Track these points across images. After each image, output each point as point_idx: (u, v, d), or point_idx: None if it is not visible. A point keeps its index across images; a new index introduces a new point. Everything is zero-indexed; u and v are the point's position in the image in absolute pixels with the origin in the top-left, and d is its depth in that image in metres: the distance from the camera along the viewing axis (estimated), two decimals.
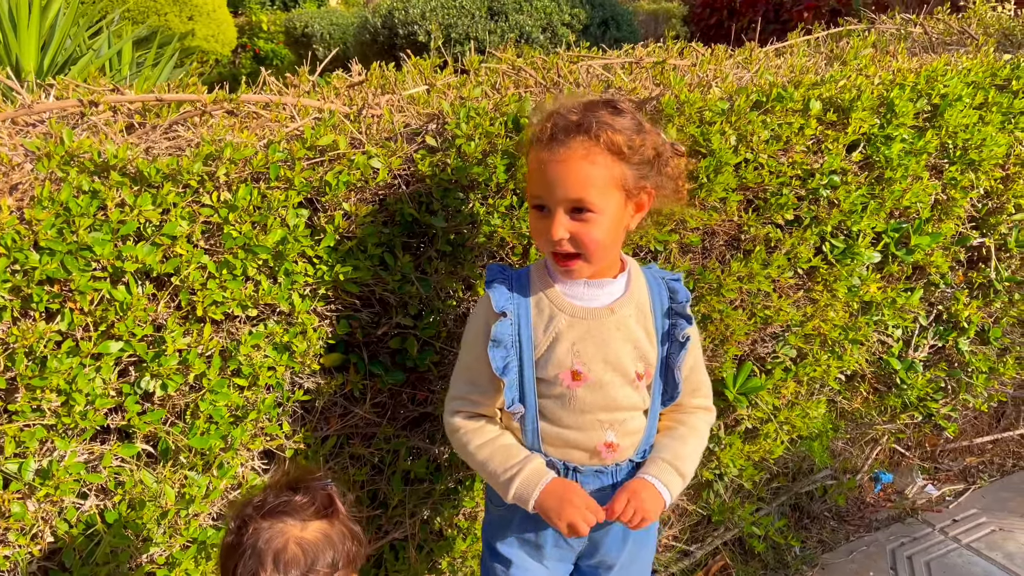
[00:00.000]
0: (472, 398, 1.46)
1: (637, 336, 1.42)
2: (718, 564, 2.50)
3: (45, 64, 3.87)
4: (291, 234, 1.48)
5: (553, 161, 1.28)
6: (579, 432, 1.42)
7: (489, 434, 1.45)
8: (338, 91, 1.83)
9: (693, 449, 1.49)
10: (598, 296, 1.41)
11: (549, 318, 1.39)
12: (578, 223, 1.30)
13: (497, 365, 1.37)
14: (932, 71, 2.20)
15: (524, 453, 1.42)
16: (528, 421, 1.42)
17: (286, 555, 1.09)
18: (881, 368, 2.48)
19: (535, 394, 1.41)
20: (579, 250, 1.32)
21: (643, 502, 1.36)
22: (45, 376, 1.30)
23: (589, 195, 1.28)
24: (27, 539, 1.37)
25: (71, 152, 1.33)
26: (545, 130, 1.29)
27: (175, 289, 1.42)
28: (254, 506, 1.13)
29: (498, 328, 1.37)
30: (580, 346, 1.38)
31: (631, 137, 1.29)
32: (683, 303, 1.47)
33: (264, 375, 1.52)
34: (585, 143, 1.27)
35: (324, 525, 1.14)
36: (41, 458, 1.37)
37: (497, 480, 1.41)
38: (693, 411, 1.55)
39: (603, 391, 1.40)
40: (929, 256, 2.31)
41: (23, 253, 1.25)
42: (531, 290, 1.41)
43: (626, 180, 1.30)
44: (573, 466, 1.44)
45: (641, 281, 1.46)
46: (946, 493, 2.92)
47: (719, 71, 2.15)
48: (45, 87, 1.69)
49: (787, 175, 1.98)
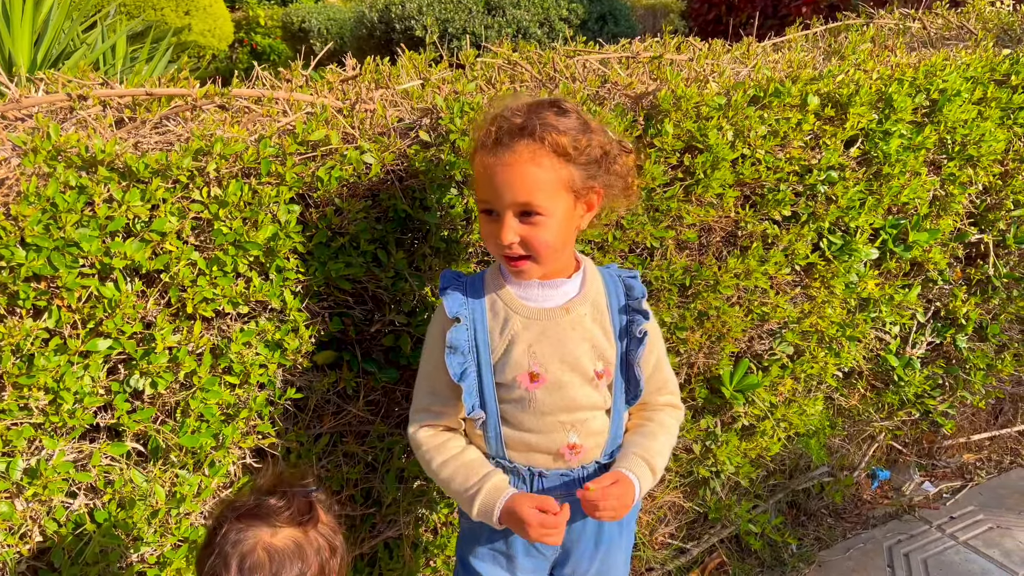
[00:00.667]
0: (434, 409, 1.45)
1: (594, 334, 1.41)
2: (715, 561, 2.49)
3: (38, 59, 3.84)
4: (282, 230, 1.46)
5: (499, 165, 1.26)
6: (541, 435, 1.41)
7: (451, 450, 1.43)
8: (331, 85, 1.81)
9: (663, 445, 1.48)
10: (552, 296, 1.40)
11: (504, 321, 1.38)
12: (527, 226, 1.29)
13: (454, 371, 1.36)
14: (931, 66, 2.19)
15: (485, 469, 1.41)
16: (490, 427, 1.41)
17: (251, 559, 1.07)
18: (878, 365, 2.47)
19: (495, 399, 1.39)
20: (529, 252, 1.32)
21: (616, 494, 1.34)
22: (32, 374, 1.29)
23: (536, 198, 1.27)
24: (15, 538, 1.36)
25: (58, 147, 1.32)
26: (490, 134, 1.28)
27: (165, 286, 1.41)
28: (232, 508, 1.12)
29: (453, 334, 1.37)
30: (536, 347, 1.37)
31: (577, 137, 1.28)
32: (639, 299, 1.45)
33: (256, 373, 1.50)
34: (530, 146, 1.25)
35: (297, 533, 1.11)
36: (29, 457, 1.35)
37: (461, 498, 1.40)
38: (661, 408, 1.54)
39: (562, 392, 1.38)
40: (927, 252, 2.30)
41: (9, 249, 1.23)
42: (485, 294, 1.41)
43: (574, 181, 1.29)
44: (538, 471, 1.43)
45: (597, 279, 1.45)
46: (943, 490, 2.91)
47: (716, 66, 2.13)
48: (35, 81, 1.67)
49: (784, 171, 1.96)
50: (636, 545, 2.31)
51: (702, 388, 2.13)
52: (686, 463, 2.23)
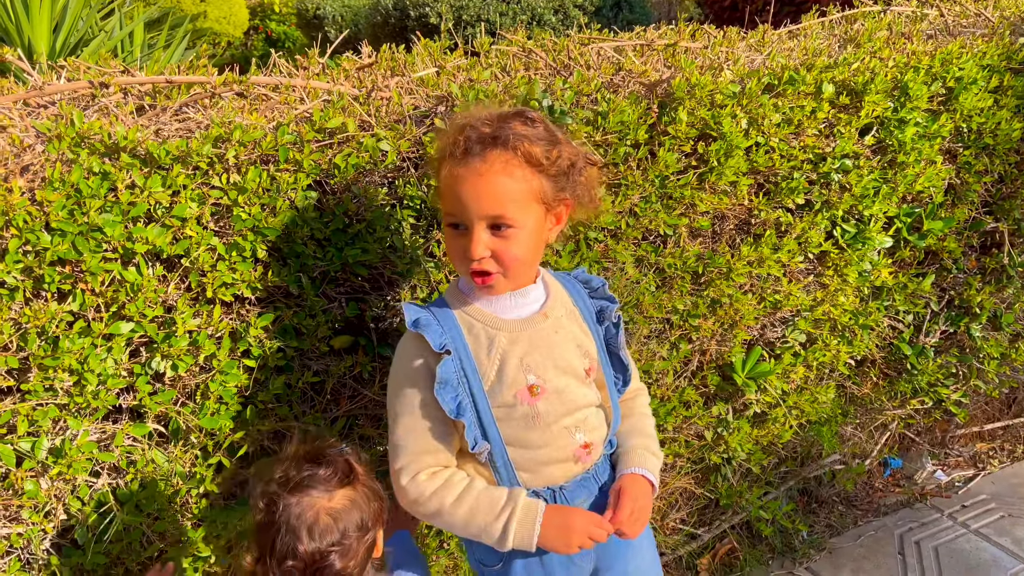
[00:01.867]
0: (429, 452, 1.32)
1: (575, 333, 1.39)
2: (725, 547, 2.51)
3: (57, 45, 3.88)
4: (300, 216, 1.48)
5: (470, 175, 1.22)
6: (551, 448, 1.35)
7: (459, 485, 1.32)
8: (348, 73, 1.82)
9: (652, 428, 1.53)
10: (526, 304, 1.36)
11: (489, 341, 1.32)
12: (498, 239, 1.24)
13: (450, 407, 1.27)
14: (947, 54, 2.18)
15: (505, 493, 1.31)
16: (496, 456, 1.33)
17: (319, 526, 1.14)
18: (891, 353, 2.47)
19: (495, 425, 1.32)
20: (499, 268, 1.27)
21: (637, 500, 1.36)
22: (57, 356, 1.32)
23: (508, 210, 1.23)
24: (40, 516, 1.39)
25: (81, 134, 1.34)
26: (458, 144, 1.23)
27: (185, 271, 1.43)
28: (278, 483, 1.17)
29: (443, 368, 1.27)
30: (529, 359, 1.32)
31: (548, 149, 1.24)
32: (600, 287, 1.46)
33: (273, 357, 1.53)
34: (503, 155, 1.21)
35: (348, 491, 1.19)
36: (54, 437, 1.38)
37: (490, 532, 1.29)
38: (634, 395, 1.56)
39: (562, 397, 1.34)
40: (942, 241, 2.30)
41: (34, 234, 1.26)
42: (458, 318, 1.33)
43: (545, 193, 1.26)
44: (558, 487, 1.38)
45: (554, 281, 1.43)
46: (955, 479, 2.91)
47: (731, 54, 2.13)
48: (56, 68, 1.69)
49: (798, 159, 1.96)
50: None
51: (714, 375, 2.14)
52: (698, 449, 2.25)
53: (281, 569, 1.13)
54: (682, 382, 2.12)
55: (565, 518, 1.31)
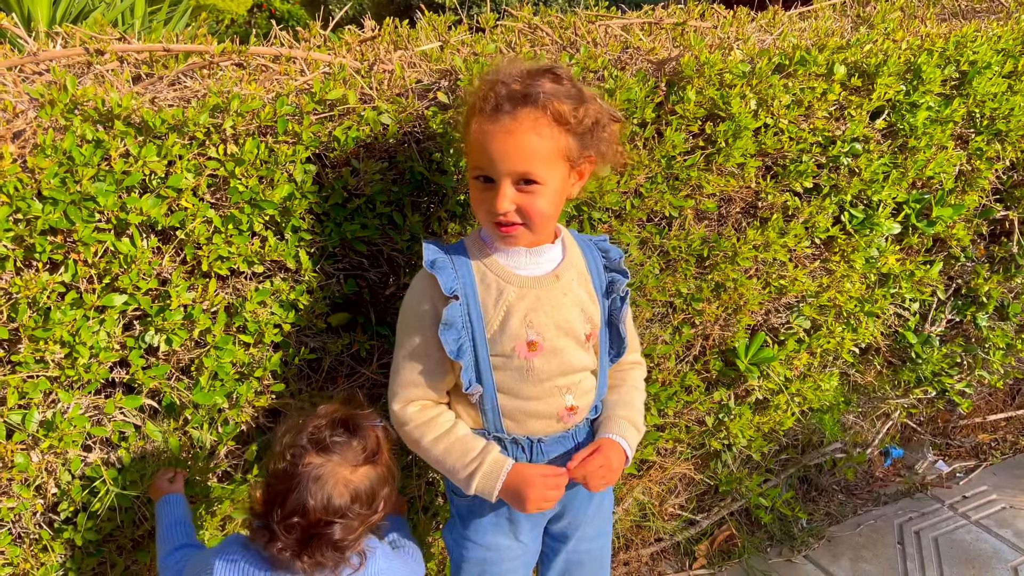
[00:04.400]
0: (421, 386, 1.40)
1: (582, 298, 1.42)
2: (724, 534, 2.50)
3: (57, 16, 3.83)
4: (298, 190, 1.45)
5: (500, 132, 1.24)
6: (539, 401, 1.41)
7: (442, 426, 1.39)
8: (349, 46, 1.78)
9: (640, 403, 1.55)
10: (540, 264, 1.39)
11: (498, 292, 1.36)
12: (524, 194, 1.27)
13: (451, 348, 1.33)
14: (961, 37, 2.13)
15: (480, 444, 1.38)
16: (487, 400, 1.39)
17: (334, 495, 1.17)
18: (896, 342, 2.45)
19: (491, 371, 1.37)
20: (523, 220, 1.30)
21: (610, 460, 1.40)
22: (48, 327, 1.29)
23: (536, 167, 1.25)
24: (31, 491, 1.37)
25: (75, 100, 1.31)
26: (488, 99, 1.25)
27: (180, 243, 1.40)
28: (309, 439, 1.20)
29: (449, 311, 1.33)
30: (532, 316, 1.36)
31: (575, 107, 1.26)
32: (617, 260, 1.48)
33: (270, 332, 1.50)
34: (533, 113, 1.23)
35: (370, 469, 1.22)
36: (45, 409, 1.36)
37: (457, 476, 1.37)
38: (630, 367, 1.59)
39: (559, 358, 1.39)
40: (951, 228, 2.26)
41: (26, 202, 1.23)
42: (473, 266, 1.37)
43: (571, 150, 1.28)
44: (537, 438, 1.43)
45: (573, 244, 1.47)
46: (957, 469, 2.89)
47: (741, 33, 2.09)
48: (52, 36, 1.66)
49: (808, 141, 1.93)
50: (645, 515, 2.32)
51: (717, 360, 2.11)
52: (698, 435, 2.23)
53: (285, 521, 1.16)
54: (684, 367, 2.10)
55: (524, 481, 1.34)
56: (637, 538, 2.37)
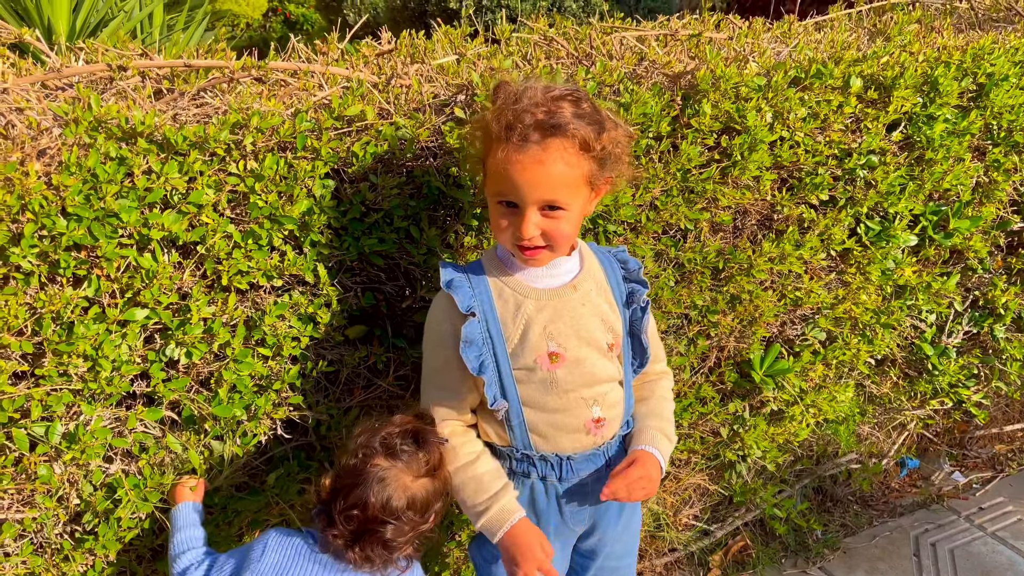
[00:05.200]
0: (447, 404, 1.43)
1: (602, 308, 1.43)
2: (738, 544, 2.49)
3: (77, 26, 3.87)
4: (317, 205, 1.47)
5: (529, 162, 1.24)
6: (565, 414, 1.41)
7: (464, 457, 1.41)
8: (367, 60, 1.80)
9: (670, 413, 1.55)
10: (557, 276, 1.41)
11: (516, 306, 1.38)
12: (549, 220, 1.29)
13: (473, 365, 1.34)
14: (979, 49, 2.13)
15: (496, 487, 1.39)
16: (513, 415, 1.40)
17: (395, 502, 1.28)
18: (912, 353, 2.44)
19: (515, 386, 1.39)
20: (548, 243, 1.32)
21: (650, 479, 1.40)
22: (72, 341, 1.31)
23: (562, 195, 1.27)
24: (53, 501, 1.39)
25: (99, 118, 1.33)
26: (515, 128, 1.24)
27: (201, 258, 1.42)
28: (382, 443, 1.31)
29: (468, 328, 1.35)
30: (552, 327, 1.37)
31: (597, 132, 1.28)
32: (636, 270, 1.49)
33: (288, 345, 1.52)
34: (562, 144, 1.24)
35: (428, 482, 1.33)
36: (68, 422, 1.38)
37: (467, 509, 1.40)
38: (657, 378, 1.60)
39: (581, 367, 1.39)
40: (968, 240, 2.25)
41: (50, 219, 1.25)
42: (490, 282, 1.40)
43: (593, 175, 1.30)
44: (566, 456, 1.43)
45: (591, 256, 1.48)
46: (973, 481, 2.88)
47: (756, 45, 2.09)
48: (75, 50, 1.68)
49: (823, 154, 1.93)
50: (659, 526, 2.32)
51: (732, 372, 2.11)
52: (713, 446, 2.23)
53: (345, 512, 1.27)
54: (699, 378, 2.10)
55: (523, 543, 1.34)
56: (651, 548, 2.37)
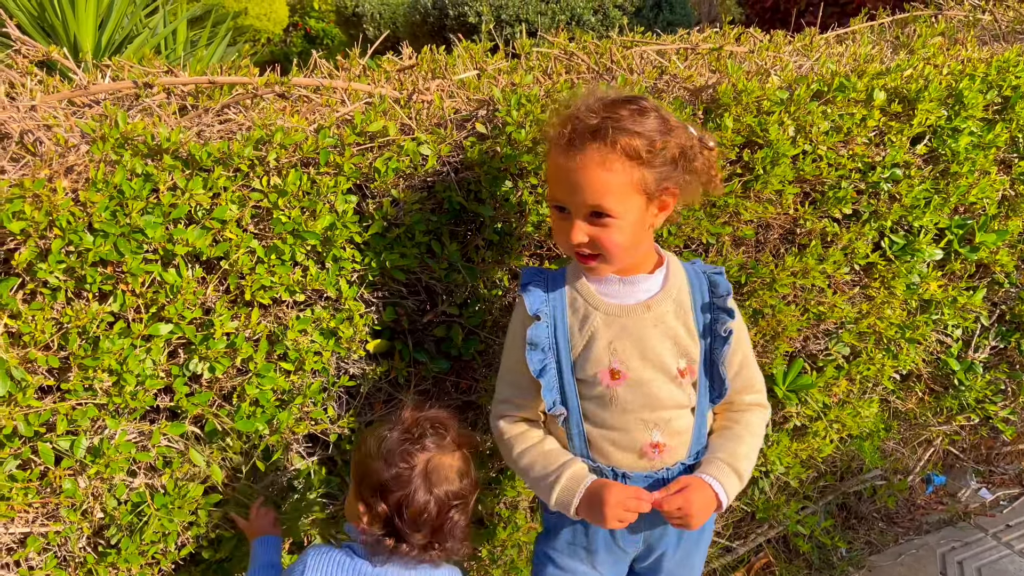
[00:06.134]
0: (516, 401, 1.46)
1: (677, 332, 1.39)
2: (761, 561, 2.46)
3: (102, 42, 3.93)
4: (340, 220, 1.47)
5: (570, 168, 1.25)
6: (623, 433, 1.39)
7: (531, 440, 1.43)
8: (388, 75, 1.81)
9: (750, 448, 1.44)
10: (633, 293, 1.39)
11: (584, 317, 1.37)
12: (598, 227, 1.28)
13: (535, 368, 1.37)
14: (1004, 62, 2.11)
15: (564, 458, 1.40)
16: (573, 424, 1.40)
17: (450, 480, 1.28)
18: (938, 368, 2.40)
19: (576, 395, 1.39)
20: (598, 251, 1.31)
21: (692, 502, 1.32)
22: (97, 356, 1.32)
23: (607, 202, 1.26)
24: (78, 515, 1.40)
25: (125, 135, 1.34)
26: (563, 135, 1.27)
27: (224, 273, 1.43)
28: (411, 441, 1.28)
29: (533, 331, 1.37)
30: (617, 344, 1.36)
31: (652, 140, 1.25)
32: (724, 296, 1.42)
33: (310, 360, 1.52)
34: (601, 150, 1.23)
35: (462, 454, 1.33)
36: (93, 436, 1.39)
37: (539, 487, 1.40)
38: (747, 408, 1.50)
39: (643, 389, 1.37)
40: (994, 254, 2.22)
41: (78, 235, 1.26)
42: (567, 290, 1.40)
43: (647, 184, 1.27)
44: (622, 472, 1.41)
45: (680, 276, 1.43)
46: (1000, 497, 2.83)
47: (778, 58, 2.09)
48: (101, 68, 1.70)
49: (847, 168, 1.91)
50: None
51: None
52: None
53: (415, 521, 1.25)
54: None
55: (602, 494, 1.32)
56: None
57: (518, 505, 2.01)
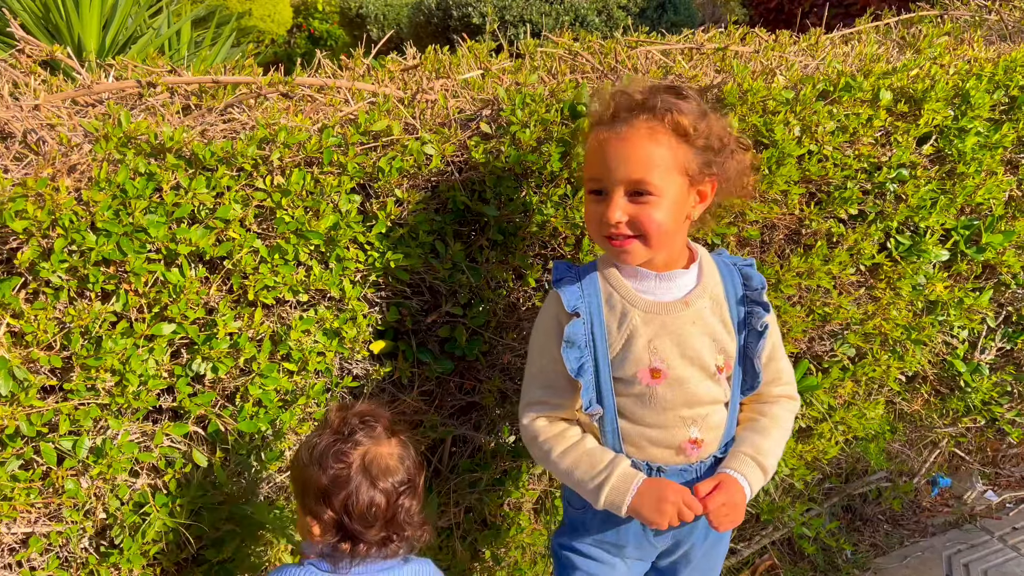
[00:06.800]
0: (551, 402, 1.41)
1: (714, 328, 1.37)
2: (766, 563, 2.45)
3: (106, 43, 3.93)
4: (343, 220, 1.47)
5: (615, 139, 1.24)
6: (662, 430, 1.37)
7: (570, 439, 1.38)
8: (392, 75, 1.80)
9: (775, 442, 1.43)
10: (670, 289, 1.35)
11: (622, 315, 1.34)
12: (637, 206, 1.25)
13: (572, 366, 1.33)
14: (1011, 61, 2.09)
15: (609, 456, 1.36)
16: (607, 422, 1.37)
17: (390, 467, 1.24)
18: (944, 370, 2.39)
19: (612, 394, 1.36)
20: (637, 232, 1.27)
21: (737, 506, 1.32)
22: (100, 356, 1.31)
23: (651, 176, 1.24)
24: (80, 515, 1.39)
25: (128, 134, 1.34)
26: (608, 109, 1.27)
27: (227, 273, 1.42)
28: (341, 440, 1.23)
29: (571, 328, 1.33)
30: (657, 343, 1.33)
31: (696, 121, 1.25)
32: (759, 290, 1.40)
33: (313, 360, 1.52)
34: (649, 121, 1.24)
35: (398, 440, 1.29)
36: (95, 436, 1.38)
37: (585, 488, 1.35)
38: (775, 400, 1.48)
39: (684, 387, 1.34)
40: (1001, 255, 2.21)
41: (80, 234, 1.26)
42: (600, 287, 1.36)
43: (689, 164, 1.26)
44: (657, 466, 1.38)
45: (713, 270, 1.40)
46: (1007, 500, 2.81)
47: (783, 58, 2.08)
48: (105, 67, 1.70)
49: (852, 168, 1.90)
50: None
51: None
52: None
53: (364, 517, 1.20)
54: None
55: (660, 490, 1.31)
56: None
57: (522, 507, 2.00)
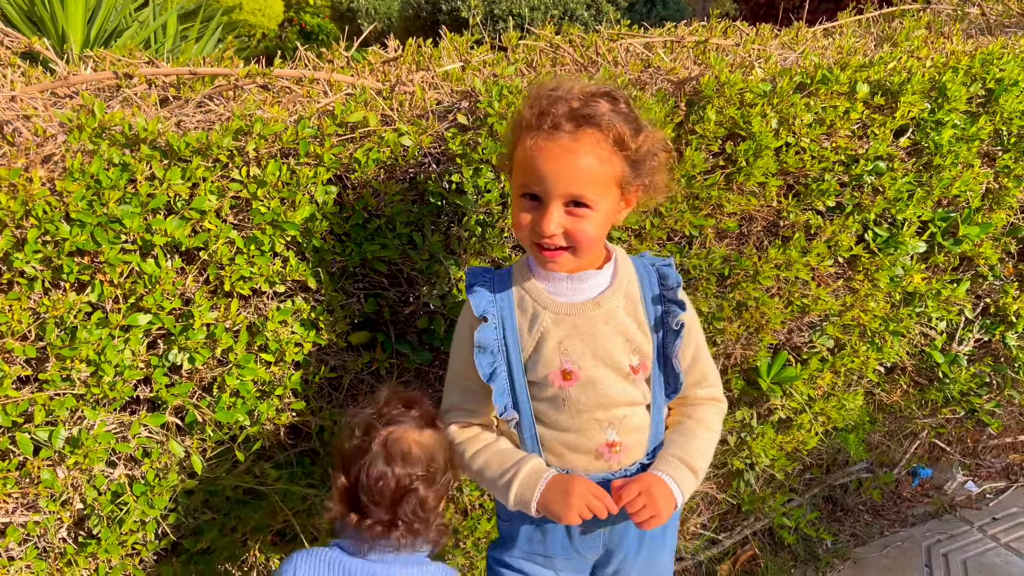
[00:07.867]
0: (467, 407, 1.41)
1: (628, 328, 1.35)
2: (747, 554, 2.47)
3: (91, 36, 3.92)
4: (320, 211, 1.47)
5: (558, 150, 1.19)
6: (578, 434, 1.35)
7: (484, 440, 1.39)
8: (372, 67, 1.81)
9: (704, 443, 1.41)
10: (582, 290, 1.34)
11: (533, 317, 1.33)
12: (572, 217, 1.23)
13: (484, 372, 1.32)
14: (988, 54, 2.11)
15: (520, 455, 1.35)
16: (525, 428, 1.36)
17: (411, 454, 1.27)
18: (923, 361, 2.41)
19: (528, 398, 1.35)
20: (570, 244, 1.25)
21: (655, 498, 1.28)
22: (75, 346, 1.32)
23: (590, 190, 1.21)
24: (57, 505, 1.40)
25: (102, 124, 1.34)
26: (546, 116, 1.20)
27: (203, 263, 1.43)
28: (376, 415, 1.29)
29: (480, 333, 1.32)
30: (567, 343, 1.32)
31: (635, 133, 1.23)
32: (674, 288, 1.38)
33: (291, 351, 1.52)
34: (595, 135, 1.20)
35: (433, 433, 1.32)
36: (71, 426, 1.39)
37: (496, 486, 1.34)
38: (701, 402, 1.46)
39: (596, 388, 1.33)
40: (978, 247, 2.23)
41: (54, 224, 1.26)
42: (514, 291, 1.35)
43: (624, 177, 1.25)
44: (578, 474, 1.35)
45: (629, 270, 1.39)
46: (986, 490, 2.84)
47: (763, 52, 2.09)
48: (84, 60, 1.70)
49: (830, 160, 1.91)
50: None
51: (739, 379, 2.10)
52: (720, 454, 2.21)
53: (372, 489, 1.24)
54: None
55: (568, 483, 1.30)
56: None
57: None
